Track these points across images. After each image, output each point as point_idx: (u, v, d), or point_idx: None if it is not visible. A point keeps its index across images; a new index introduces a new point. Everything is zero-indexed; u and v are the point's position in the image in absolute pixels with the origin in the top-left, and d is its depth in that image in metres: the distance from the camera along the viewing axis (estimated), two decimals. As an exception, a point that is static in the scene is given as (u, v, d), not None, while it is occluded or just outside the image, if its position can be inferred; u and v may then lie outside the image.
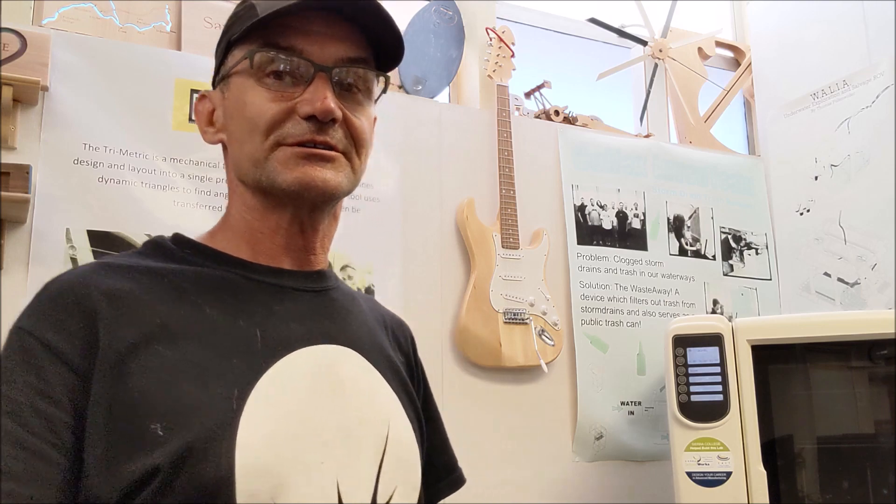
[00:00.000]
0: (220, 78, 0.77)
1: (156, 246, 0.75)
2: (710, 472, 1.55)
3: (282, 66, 0.71)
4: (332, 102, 0.70)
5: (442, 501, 0.93)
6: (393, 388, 0.78)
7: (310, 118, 0.70)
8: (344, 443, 0.68)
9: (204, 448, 0.61)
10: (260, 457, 0.62)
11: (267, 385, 0.66)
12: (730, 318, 1.96)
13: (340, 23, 0.73)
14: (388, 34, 0.75)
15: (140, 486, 0.59)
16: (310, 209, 0.75)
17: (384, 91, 0.79)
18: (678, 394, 1.60)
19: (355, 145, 0.74)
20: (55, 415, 0.60)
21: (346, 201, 1.87)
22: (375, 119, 0.79)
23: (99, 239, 1.51)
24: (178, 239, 0.76)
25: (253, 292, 0.72)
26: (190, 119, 1.64)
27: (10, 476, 0.57)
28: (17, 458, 0.58)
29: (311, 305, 0.76)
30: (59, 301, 0.64)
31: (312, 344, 0.72)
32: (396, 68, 0.80)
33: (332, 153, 0.71)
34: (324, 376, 0.71)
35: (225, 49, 0.76)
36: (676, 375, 1.60)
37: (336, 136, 0.72)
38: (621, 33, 2.39)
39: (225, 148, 0.78)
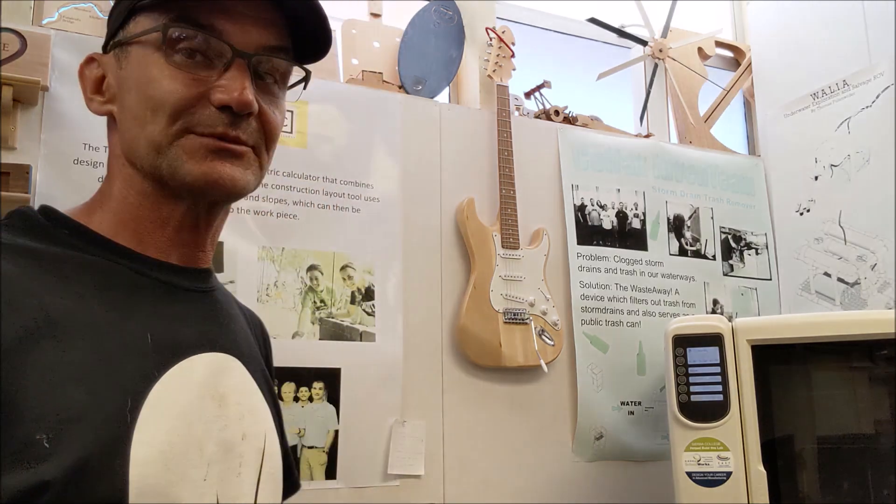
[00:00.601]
0: (115, 43, 0.69)
1: (25, 219, 0.66)
2: (710, 472, 1.55)
3: (196, 45, 0.64)
4: (250, 94, 0.64)
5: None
6: (265, 399, 0.75)
7: (224, 108, 0.64)
8: (225, 457, 0.65)
9: (97, 464, 0.55)
10: (152, 474, 0.58)
11: (159, 395, 0.61)
12: (730, 318, 1.96)
13: (264, 4, 0.66)
14: (317, 25, 0.69)
15: (23, 502, 0.52)
16: (209, 205, 0.69)
17: (305, 87, 0.74)
18: (678, 394, 1.60)
19: (266, 140, 0.69)
20: None
21: (346, 201, 1.87)
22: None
23: (99, 239, 1.51)
24: (50, 214, 0.68)
25: (142, 289, 0.66)
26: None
27: None
28: None
29: (199, 307, 0.71)
30: None
31: (201, 351, 0.67)
32: (396, 68, 0.76)
33: (242, 147, 0.66)
34: (210, 387, 0.66)
35: (127, 12, 0.67)
36: (676, 375, 1.60)
37: (249, 129, 0.66)
38: (621, 33, 2.39)
39: (111, 120, 0.71)
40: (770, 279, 2.28)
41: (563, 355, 1.94)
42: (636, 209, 2.13)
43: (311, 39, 0.71)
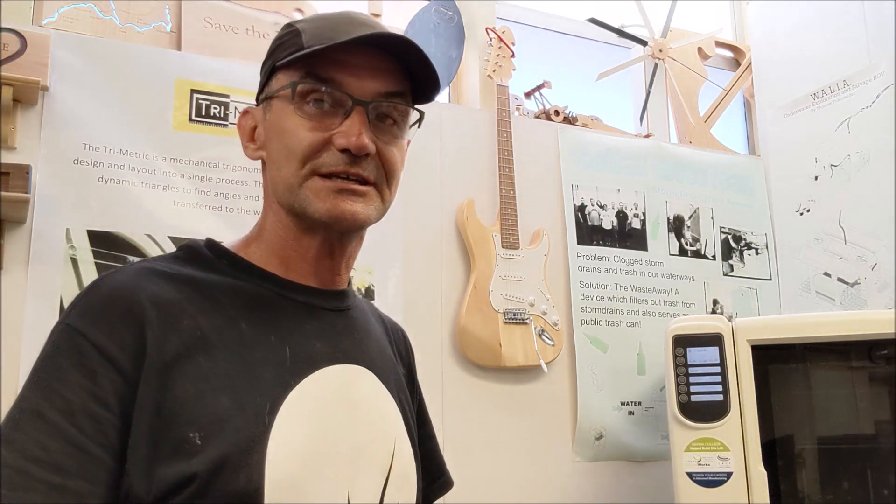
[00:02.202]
0: (263, 97, 0.80)
1: (193, 252, 0.78)
2: (710, 473, 1.55)
3: (321, 97, 0.74)
4: (366, 138, 0.73)
5: (442, 501, 0.93)
6: (398, 407, 0.83)
7: (345, 150, 0.73)
8: (356, 459, 0.73)
9: (238, 459, 0.64)
10: (286, 471, 0.66)
11: (295, 401, 0.70)
12: (730, 318, 1.96)
13: (380, 55, 0.76)
14: (425, 73, 0.78)
15: (176, 490, 0.62)
16: (339, 236, 0.78)
17: (419, 126, 0.82)
18: (678, 394, 1.60)
19: (386, 176, 0.77)
20: (106, 417, 0.63)
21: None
22: (409, 142, 0.82)
23: (99, 239, 1.51)
24: (214, 247, 0.79)
25: (284, 309, 0.76)
26: (190, 119, 1.64)
27: (63, 471, 0.60)
28: (71, 455, 0.61)
29: (334, 324, 0.80)
30: (110, 305, 0.68)
31: (335, 363, 0.76)
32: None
33: (364, 187, 0.75)
34: (343, 395, 0.75)
35: (269, 71, 0.79)
36: (676, 375, 1.60)
37: (368, 167, 0.75)
38: (621, 33, 2.39)
39: (264, 163, 0.81)
40: (770, 279, 2.28)
41: (563, 355, 1.94)
42: (636, 209, 2.13)
43: (422, 83, 0.80)
